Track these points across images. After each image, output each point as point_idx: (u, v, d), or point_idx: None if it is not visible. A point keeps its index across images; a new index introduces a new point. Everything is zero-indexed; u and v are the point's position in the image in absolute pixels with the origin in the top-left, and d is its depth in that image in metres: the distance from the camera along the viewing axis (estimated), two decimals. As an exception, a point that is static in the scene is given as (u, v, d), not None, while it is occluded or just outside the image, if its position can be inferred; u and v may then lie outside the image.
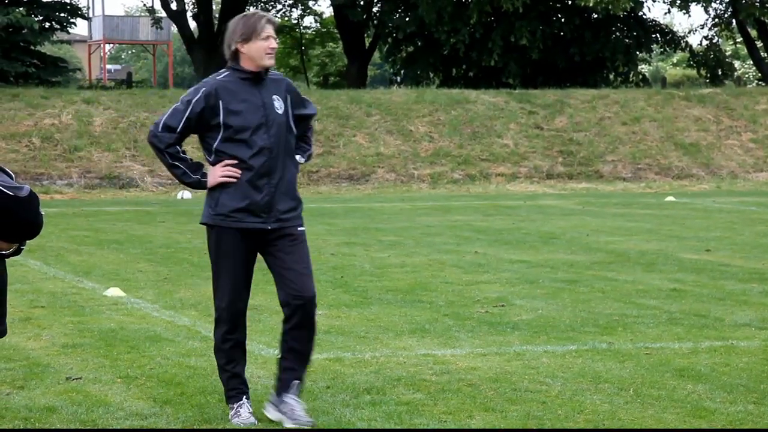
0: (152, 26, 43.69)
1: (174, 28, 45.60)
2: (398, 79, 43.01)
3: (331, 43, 53.70)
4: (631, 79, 40.68)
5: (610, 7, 35.06)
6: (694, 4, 39.19)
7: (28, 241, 4.36)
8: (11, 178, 4.28)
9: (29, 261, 12.68)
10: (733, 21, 41.96)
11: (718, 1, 41.09)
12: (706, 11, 42.36)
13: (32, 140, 26.37)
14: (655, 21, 41.66)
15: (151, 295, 10.47)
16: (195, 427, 6.02)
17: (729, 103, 31.50)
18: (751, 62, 48.49)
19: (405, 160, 27.62)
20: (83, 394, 6.67)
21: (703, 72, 42.93)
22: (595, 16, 38.22)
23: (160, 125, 5.97)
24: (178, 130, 5.95)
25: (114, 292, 10.45)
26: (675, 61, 69.63)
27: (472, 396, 6.61)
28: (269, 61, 5.91)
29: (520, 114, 29.99)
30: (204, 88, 5.94)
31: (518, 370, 7.25)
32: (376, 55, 48.57)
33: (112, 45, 62.98)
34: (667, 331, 8.61)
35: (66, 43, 49.80)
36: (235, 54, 5.93)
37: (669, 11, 67.71)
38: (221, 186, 5.92)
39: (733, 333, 8.52)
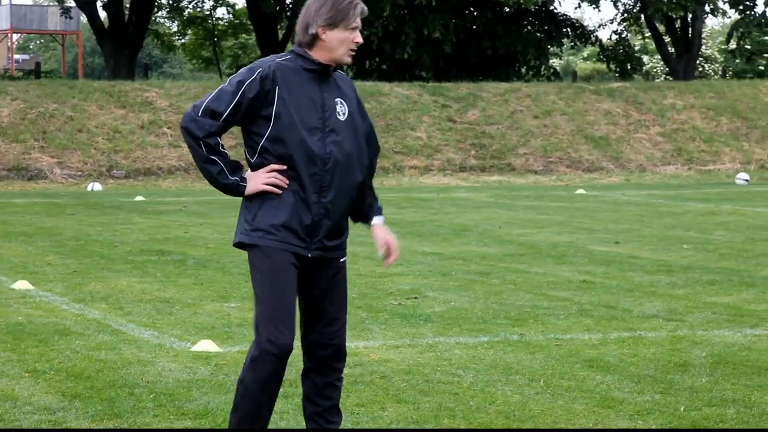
0: (61, 16, 43.05)
1: (83, 18, 44.99)
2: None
3: (243, 35, 53.43)
4: (542, 73, 41.10)
5: (521, 1, 35.37)
6: (603, -1, 39.66)
7: None
8: None
9: (-66, 254, 12.44)
10: (642, 16, 42.60)
11: (627, -3, 41.65)
12: (616, 6, 42.97)
13: (-63, 131, 25.86)
14: (566, 15, 42.13)
15: (60, 288, 10.32)
16: (104, 422, 5.95)
17: (638, 97, 31.98)
18: (659, 57, 49.26)
19: (318, 152, 27.59)
20: (-10, 389, 6.56)
21: (612, 66, 43.55)
22: (507, 10, 38.53)
23: (201, 108, 4.81)
24: (224, 117, 4.82)
25: (22, 285, 10.29)
26: (585, 55, 70.47)
27: (385, 388, 6.62)
28: (348, 59, 4.87)
29: (433, 107, 30.13)
30: (261, 69, 4.81)
31: (431, 362, 7.28)
32: (289, 47, 48.41)
33: (19, 34, 61.96)
34: (577, 323, 8.71)
35: (-28, 32, 48.90)
36: (313, 39, 4.84)
37: (579, 6, 68.55)
38: (261, 197, 4.84)
39: (640, 324, 8.66)
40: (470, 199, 21.50)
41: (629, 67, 43.25)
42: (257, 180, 4.83)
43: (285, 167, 4.81)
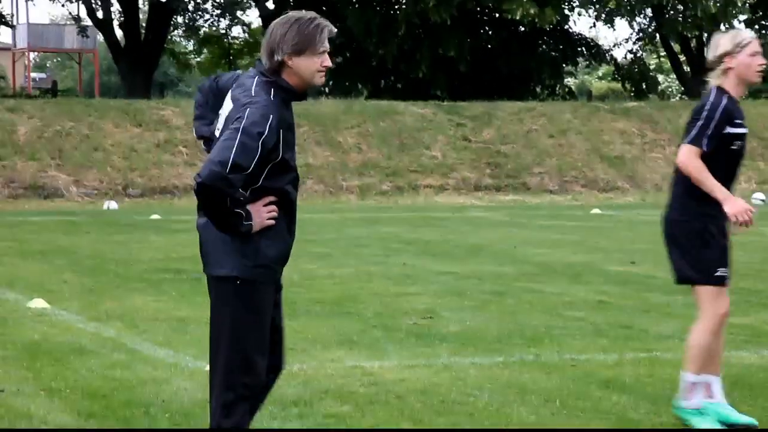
0: (78, 34, 43.27)
1: (100, 37, 45.20)
2: (327, 90, 43.04)
3: (259, 54, 53.55)
4: (557, 92, 41.11)
5: (536, 20, 35.42)
6: (618, 18, 39.72)
7: None
8: None
9: (-49, 272, 12.47)
10: (657, 35, 42.60)
11: (642, 16, 41.69)
12: (631, 26, 42.98)
13: (-46, 149, 25.98)
14: (581, 35, 42.17)
15: (76, 306, 10.34)
16: (120, 441, 5.96)
17: (653, 117, 31.94)
18: (675, 76, 49.22)
19: (334, 171, 27.63)
20: (5, 407, 6.56)
21: (627, 85, 43.54)
22: (522, 29, 38.58)
23: (229, 165, 4.57)
24: (249, 170, 4.61)
25: (38, 303, 10.30)
26: (600, 74, 70.46)
27: (400, 408, 6.60)
28: (320, 80, 4.82)
29: (448, 126, 30.15)
30: (272, 115, 4.69)
31: (446, 382, 7.26)
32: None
33: (36, 53, 62.29)
34: (593, 343, 8.67)
35: (-11, 51, 49.08)
36: (280, 66, 4.77)
37: (594, 25, 68.50)
38: (259, 230, 4.75)
39: (657, 344, 8.62)
40: (485, 218, 21.48)
41: (644, 86, 43.24)
42: (260, 216, 4.71)
43: (277, 199, 4.76)
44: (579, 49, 41.52)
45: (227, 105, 4.83)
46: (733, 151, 6.19)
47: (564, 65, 41.41)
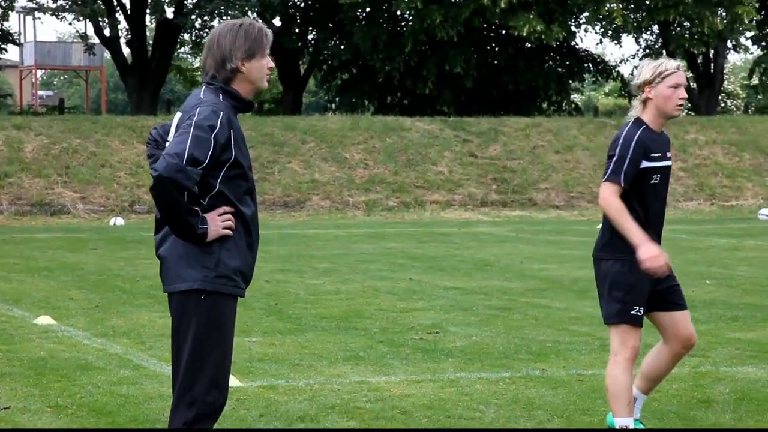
0: (85, 52, 43.38)
1: (107, 54, 45.33)
2: (333, 106, 43.10)
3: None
4: (564, 108, 41.13)
5: (543, 37, 35.47)
6: (625, 35, 39.76)
7: None
8: None
9: (-42, 288, 12.49)
10: (664, 52, 42.64)
11: (648, 32, 41.73)
12: (637, 42, 43.03)
13: (-38, 166, 26.04)
14: (588, 51, 42.21)
15: (82, 322, 10.35)
16: (126, 457, 5.95)
17: (660, 133, 31.93)
18: (681, 92, 49.15)
19: (340, 187, 27.65)
20: (12, 424, 6.57)
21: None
22: (529, 45, 38.63)
23: (185, 157, 4.51)
24: (204, 165, 4.56)
25: (44, 320, 10.32)
26: (607, 90, 70.51)
27: (406, 423, 6.60)
28: (266, 84, 4.81)
29: (454, 142, 30.18)
30: (222, 112, 4.63)
31: (452, 397, 7.26)
32: (311, 82, 48.63)
33: (43, 71, 62.49)
34: (600, 358, 8.66)
35: (-3, 69, 49.24)
36: (233, 73, 4.73)
37: (601, 42, 68.60)
38: (219, 241, 4.65)
39: (664, 359, 8.59)
40: (492, 233, 21.48)
41: (651, 102, 43.19)
42: (215, 225, 4.63)
43: (233, 209, 4.68)
44: (585, 65, 41.55)
45: (176, 118, 4.79)
46: (653, 186, 5.98)
47: (570, 81, 41.44)
